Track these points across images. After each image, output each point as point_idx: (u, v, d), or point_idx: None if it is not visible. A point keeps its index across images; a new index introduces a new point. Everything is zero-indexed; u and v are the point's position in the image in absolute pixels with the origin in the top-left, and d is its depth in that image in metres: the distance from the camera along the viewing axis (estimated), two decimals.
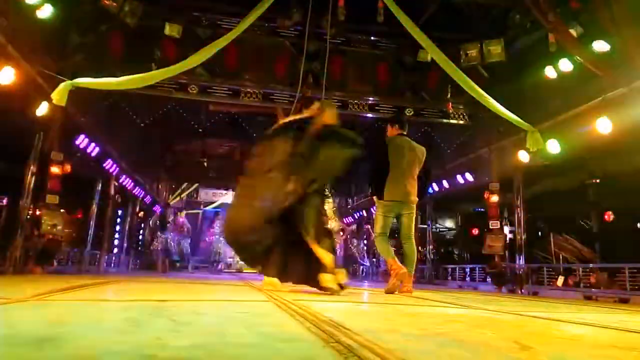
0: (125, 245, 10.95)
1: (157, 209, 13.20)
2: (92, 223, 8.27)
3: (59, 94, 4.91)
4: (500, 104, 6.04)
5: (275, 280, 3.82)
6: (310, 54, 7.02)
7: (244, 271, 13.79)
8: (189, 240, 12.38)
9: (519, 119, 6.10)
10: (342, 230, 14.82)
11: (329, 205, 5.37)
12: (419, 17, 6.85)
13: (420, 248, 9.91)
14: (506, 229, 8.03)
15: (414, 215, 4.67)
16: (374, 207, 5.05)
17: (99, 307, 2.44)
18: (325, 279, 3.54)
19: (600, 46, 5.60)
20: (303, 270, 3.79)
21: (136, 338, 1.41)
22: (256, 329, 1.72)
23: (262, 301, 3.06)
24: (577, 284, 6.29)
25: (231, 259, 16.44)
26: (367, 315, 2.40)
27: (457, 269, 9.63)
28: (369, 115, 7.77)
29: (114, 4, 6.20)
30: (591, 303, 5.13)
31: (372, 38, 7.71)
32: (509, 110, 6.08)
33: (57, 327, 1.56)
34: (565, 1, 5.95)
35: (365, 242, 14.88)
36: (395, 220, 4.68)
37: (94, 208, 8.36)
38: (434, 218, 11.94)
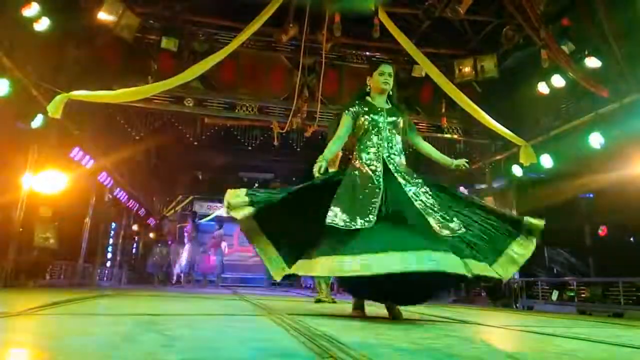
0: (118, 258, 10.85)
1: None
2: (85, 236, 8.20)
3: (55, 107, 4.90)
4: (494, 119, 6.10)
5: None
6: (306, 68, 7.09)
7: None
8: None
9: (512, 134, 6.15)
10: None
11: None
12: (413, 33, 6.94)
13: None
14: None
15: None
16: None
17: (91, 321, 2.42)
18: None
19: (592, 62, 5.69)
20: None
21: (128, 353, 1.40)
22: (250, 343, 1.71)
23: (257, 315, 3.04)
24: (571, 298, 6.29)
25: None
26: (362, 330, 2.38)
27: None
28: None
29: (111, 17, 6.24)
30: (585, 317, 5.13)
31: (367, 53, 7.78)
32: (503, 125, 6.13)
33: (48, 342, 1.55)
34: (557, 18, 6.05)
35: None
36: None
37: (87, 221, 8.30)
38: None
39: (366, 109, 3.22)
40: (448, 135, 8.06)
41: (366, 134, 3.17)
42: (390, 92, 3.33)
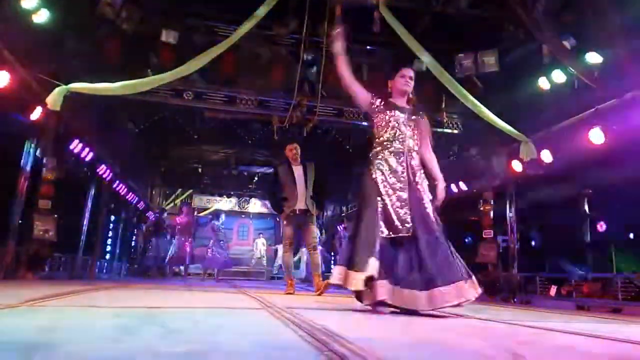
0: (117, 251, 10.87)
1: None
2: (84, 228, 8.20)
3: (54, 99, 4.89)
4: (495, 114, 6.09)
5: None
6: (306, 61, 7.05)
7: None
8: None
9: (512, 129, 6.15)
10: None
11: None
12: (414, 27, 6.90)
13: None
14: (499, 238, 8.05)
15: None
16: None
17: (91, 313, 2.42)
18: None
19: (593, 58, 5.67)
20: None
21: (128, 345, 1.41)
22: (250, 336, 1.71)
23: (256, 309, 3.05)
24: (570, 293, 6.30)
25: None
26: (361, 323, 2.39)
27: None
28: (365, 123, 7.80)
29: (111, 9, 6.20)
30: (584, 312, 5.14)
31: (368, 47, 7.75)
32: (503, 120, 6.12)
33: (48, 334, 1.55)
34: (558, 14, 6.01)
35: None
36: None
37: (87, 213, 8.30)
38: None
39: (390, 106, 3.38)
40: (448, 130, 8.05)
41: (389, 131, 3.31)
42: (411, 95, 3.46)
